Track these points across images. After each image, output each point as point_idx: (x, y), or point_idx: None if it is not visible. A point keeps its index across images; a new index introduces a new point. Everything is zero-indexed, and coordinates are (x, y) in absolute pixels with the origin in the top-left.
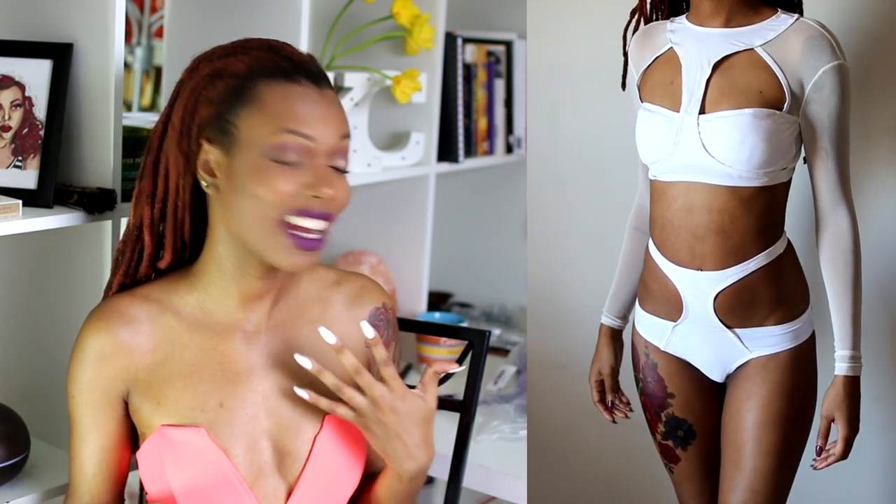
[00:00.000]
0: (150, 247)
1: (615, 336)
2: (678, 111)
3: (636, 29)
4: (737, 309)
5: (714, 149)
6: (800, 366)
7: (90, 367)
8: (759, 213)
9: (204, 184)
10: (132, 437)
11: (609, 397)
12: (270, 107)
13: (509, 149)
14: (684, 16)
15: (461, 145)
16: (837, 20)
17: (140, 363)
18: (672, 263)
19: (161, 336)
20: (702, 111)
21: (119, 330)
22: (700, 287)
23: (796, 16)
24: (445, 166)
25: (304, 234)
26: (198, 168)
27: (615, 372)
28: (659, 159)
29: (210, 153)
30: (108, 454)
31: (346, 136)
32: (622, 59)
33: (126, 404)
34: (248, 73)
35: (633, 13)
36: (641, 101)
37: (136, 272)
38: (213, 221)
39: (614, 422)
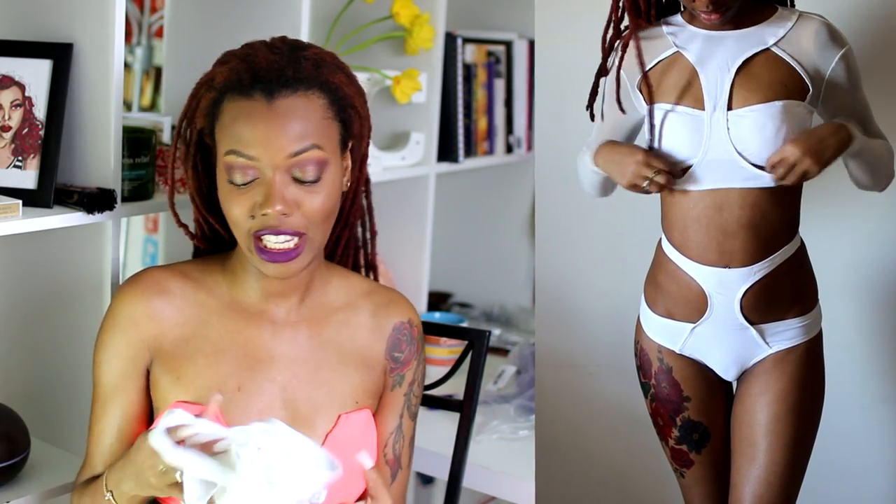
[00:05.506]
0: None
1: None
2: (701, 109)
3: (616, 36)
4: (761, 305)
5: (744, 147)
6: (813, 359)
7: (120, 332)
8: (786, 206)
9: None
10: (150, 415)
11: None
12: (224, 126)
13: (509, 149)
14: (679, 16)
15: (461, 145)
16: (841, 19)
17: (168, 335)
18: (696, 263)
19: (191, 312)
20: (729, 109)
21: (152, 298)
22: (727, 285)
23: (797, 10)
24: (445, 166)
25: (271, 248)
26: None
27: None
28: (689, 160)
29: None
30: (128, 425)
31: (303, 150)
32: (596, 68)
33: (148, 375)
34: (222, 87)
35: (613, 24)
36: (652, 102)
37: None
38: None
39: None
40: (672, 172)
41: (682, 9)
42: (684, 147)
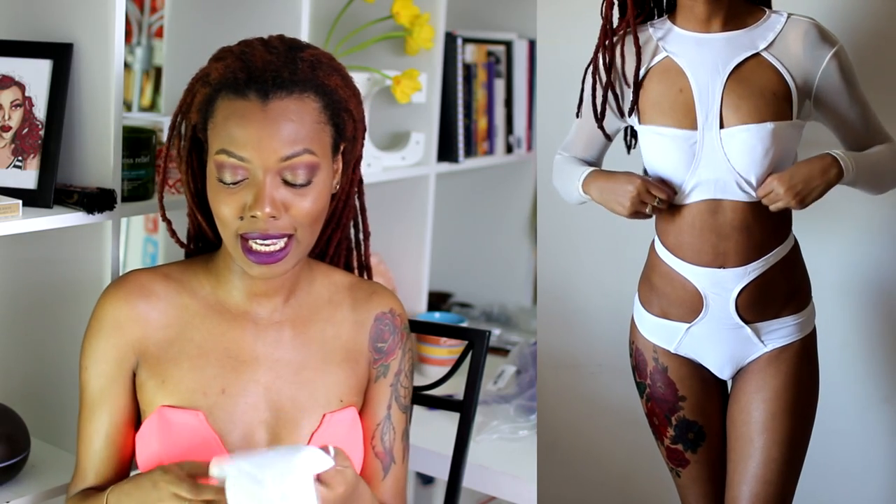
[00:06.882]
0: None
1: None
2: (692, 128)
3: (611, 38)
4: (756, 304)
5: (735, 163)
6: (808, 356)
7: (105, 336)
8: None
9: None
10: (138, 420)
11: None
12: (217, 124)
13: (509, 149)
14: (665, 19)
15: (461, 145)
16: (842, 19)
17: (152, 337)
18: (691, 265)
19: (175, 315)
20: (721, 125)
21: (137, 301)
22: (722, 285)
23: (785, 13)
24: (445, 166)
25: (258, 250)
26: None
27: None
28: (683, 176)
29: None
30: (116, 430)
31: (295, 154)
32: (593, 76)
33: (135, 378)
34: (217, 84)
35: (609, 29)
36: (641, 122)
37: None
38: None
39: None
40: (669, 196)
41: (668, 12)
42: (680, 167)
